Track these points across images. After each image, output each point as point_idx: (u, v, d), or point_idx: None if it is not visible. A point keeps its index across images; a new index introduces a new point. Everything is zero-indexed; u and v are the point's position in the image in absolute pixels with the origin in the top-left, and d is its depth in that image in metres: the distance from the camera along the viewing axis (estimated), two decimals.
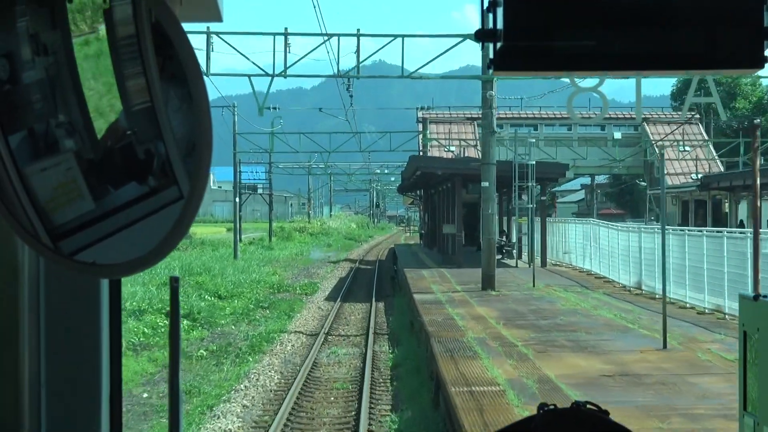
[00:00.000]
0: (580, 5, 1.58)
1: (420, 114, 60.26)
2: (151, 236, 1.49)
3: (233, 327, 24.88)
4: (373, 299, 31.95)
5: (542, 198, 36.06)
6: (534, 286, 26.55)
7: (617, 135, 55.28)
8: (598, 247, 30.61)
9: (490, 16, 1.64)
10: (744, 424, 3.59)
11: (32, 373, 1.67)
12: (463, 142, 56.08)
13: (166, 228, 1.47)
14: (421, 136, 57.79)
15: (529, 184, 33.16)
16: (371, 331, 23.51)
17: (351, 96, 39.37)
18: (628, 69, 1.63)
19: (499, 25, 1.60)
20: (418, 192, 66.43)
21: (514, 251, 41.09)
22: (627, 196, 73.84)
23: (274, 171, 74.04)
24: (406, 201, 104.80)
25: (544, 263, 34.57)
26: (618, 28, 1.59)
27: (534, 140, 35.00)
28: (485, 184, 27.73)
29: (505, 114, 61.98)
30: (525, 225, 36.91)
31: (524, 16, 1.59)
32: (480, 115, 35.74)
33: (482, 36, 1.62)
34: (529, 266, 34.49)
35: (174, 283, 1.64)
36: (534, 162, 34.59)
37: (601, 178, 68.56)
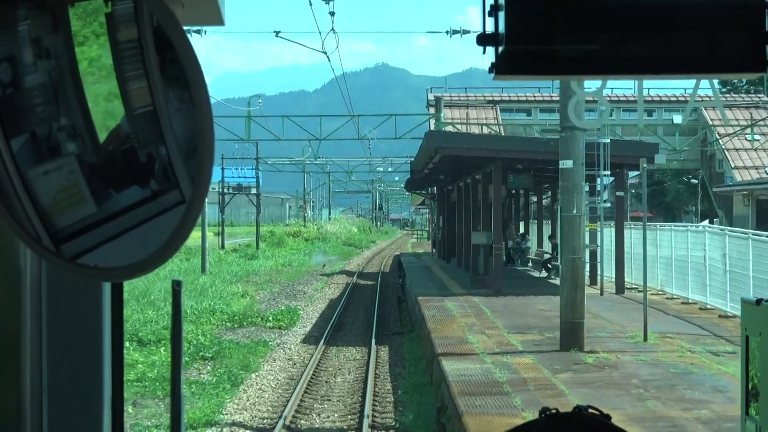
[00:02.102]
0: (582, 10, 1.57)
1: (431, 95, 51.90)
2: (153, 240, 1.56)
3: (130, 410, 15.81)
4: (373, 340, 23.47)
5: (619, 194, 28.45)
6: (646, 339, 17.55)
7: (677, 119, 48.27)
8: (725, 270, 21.79)
9: (492, 20, 1.60)
10: (746, 428, 3.41)
11: (34, 376, 1.77)
12: (485, 128, 47.13)
13: (168, 232, 1.56)
14: (433, 120, 47.63)
15: (602, 173, 23.96)
16: (368, 419, 14.83)
17: (333, 13, 27.81)
18: (630, 73, 1.63)
19: (501, 29, 1.58)
20: (429, 189, 58.20)
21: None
22: (659, 197, 65.90)
23: (268, 170, 69.89)
24: (415, 201, 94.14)
25: (621, 288, 26.95)
26: (620, 32, 1.57)
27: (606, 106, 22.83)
28: (567, 163, 17.19)
29: (534, 96, 53.72)
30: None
31: (526, 20, 1.57)
32: (503, 98, 22.93)
33: (484, 40, 1.60)
34: (601, 292, 26.66)
35: (176, 287, 1.71)
36: (608, 140, 25.01)
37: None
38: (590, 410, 1.59)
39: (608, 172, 25.11)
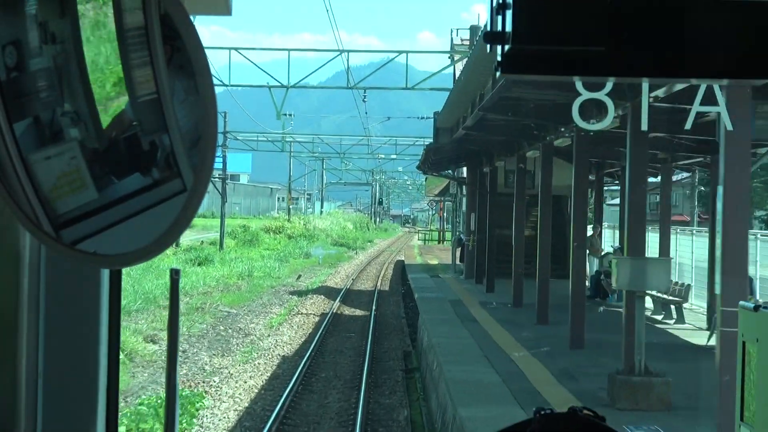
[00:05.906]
0: (590, 10, 1.60)
1: (459, 39, 41.94)
2: (152, 228, 1.57)
3: None
4: None
5: None
6: None
7: None
8: None
9: (499, 18, 1.63)
10: None
11: (30, 360, 1.78)
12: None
13: (168, 220, 1.56)
14: (460, 64, 36.85)
15: None
16: None
17: None
18: (636, 75, 1.67)
19: (508, 27, 1.60)
20: (456, 172, 44.17)
21: (716, 317, 16.73)
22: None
23: (238, 149, 65.88)
24: (430, 189, 76.17)
25: None
26: (628, 34, 1.60)
27: None
28: None
29: None
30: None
31: (533, 19, 1.60)
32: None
33: (491, 38, 1.62)
34: None
35: (174, 276, 1.72)
36: None
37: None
38: (585, 411, 1.60)
39: None
